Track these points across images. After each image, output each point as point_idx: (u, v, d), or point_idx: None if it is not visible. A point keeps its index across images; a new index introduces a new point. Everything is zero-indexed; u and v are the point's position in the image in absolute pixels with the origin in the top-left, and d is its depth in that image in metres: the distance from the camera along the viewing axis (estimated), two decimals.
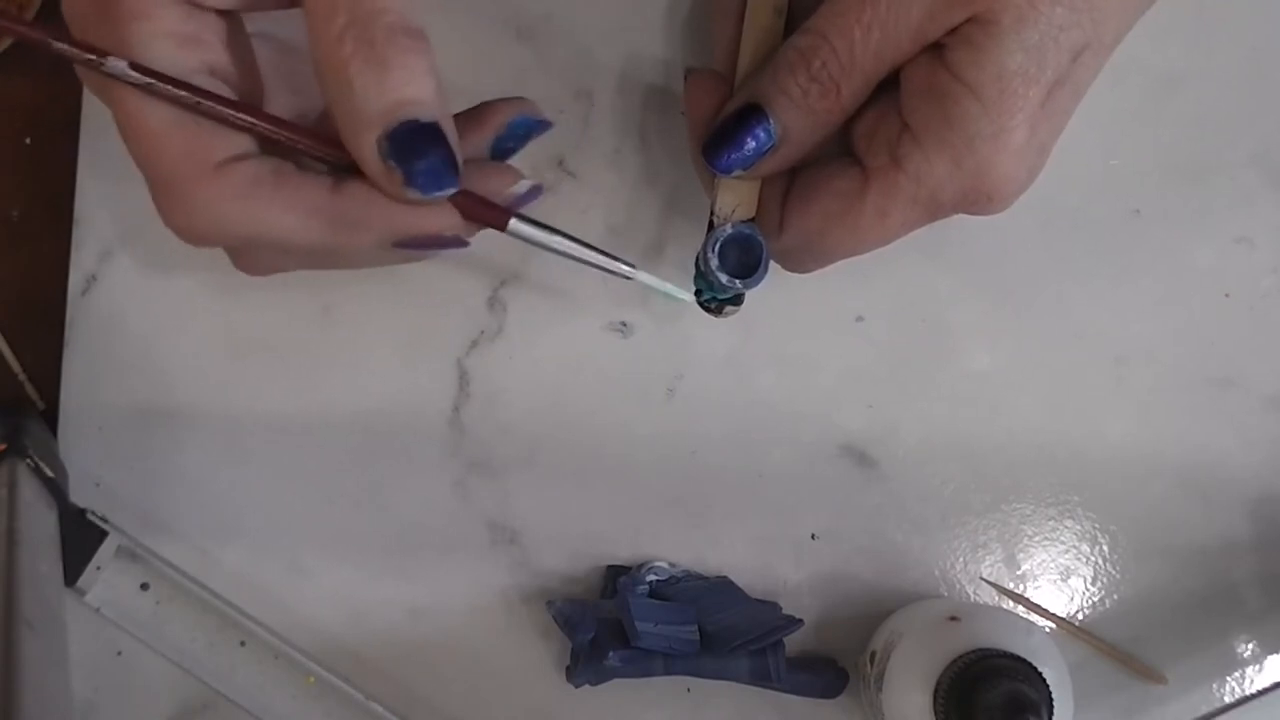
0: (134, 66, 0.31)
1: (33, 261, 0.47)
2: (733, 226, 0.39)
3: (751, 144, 0.37)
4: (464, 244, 0.35)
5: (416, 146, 0.32)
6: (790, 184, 0.39)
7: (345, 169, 0.33)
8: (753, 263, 0.39)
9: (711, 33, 0.41)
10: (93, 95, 0.34)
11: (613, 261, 0.37)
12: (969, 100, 0.34)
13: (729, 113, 0.38)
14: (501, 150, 0.38)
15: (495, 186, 0.36)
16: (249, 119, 0.33)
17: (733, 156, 0.37)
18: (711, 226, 0.39)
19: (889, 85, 0.36)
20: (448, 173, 0.33)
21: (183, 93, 0.32)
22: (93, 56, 0.31)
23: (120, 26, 0.31)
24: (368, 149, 0.32)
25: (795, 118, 0.37)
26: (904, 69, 0.36)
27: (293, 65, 0.37)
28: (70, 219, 0.46)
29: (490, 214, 0.35)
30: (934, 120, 0.35)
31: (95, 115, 0.46)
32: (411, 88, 0.32)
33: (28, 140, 0.47)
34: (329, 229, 0.33)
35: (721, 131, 0.38)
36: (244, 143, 0.33)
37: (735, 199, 0.39)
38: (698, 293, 0.41)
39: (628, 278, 0.37)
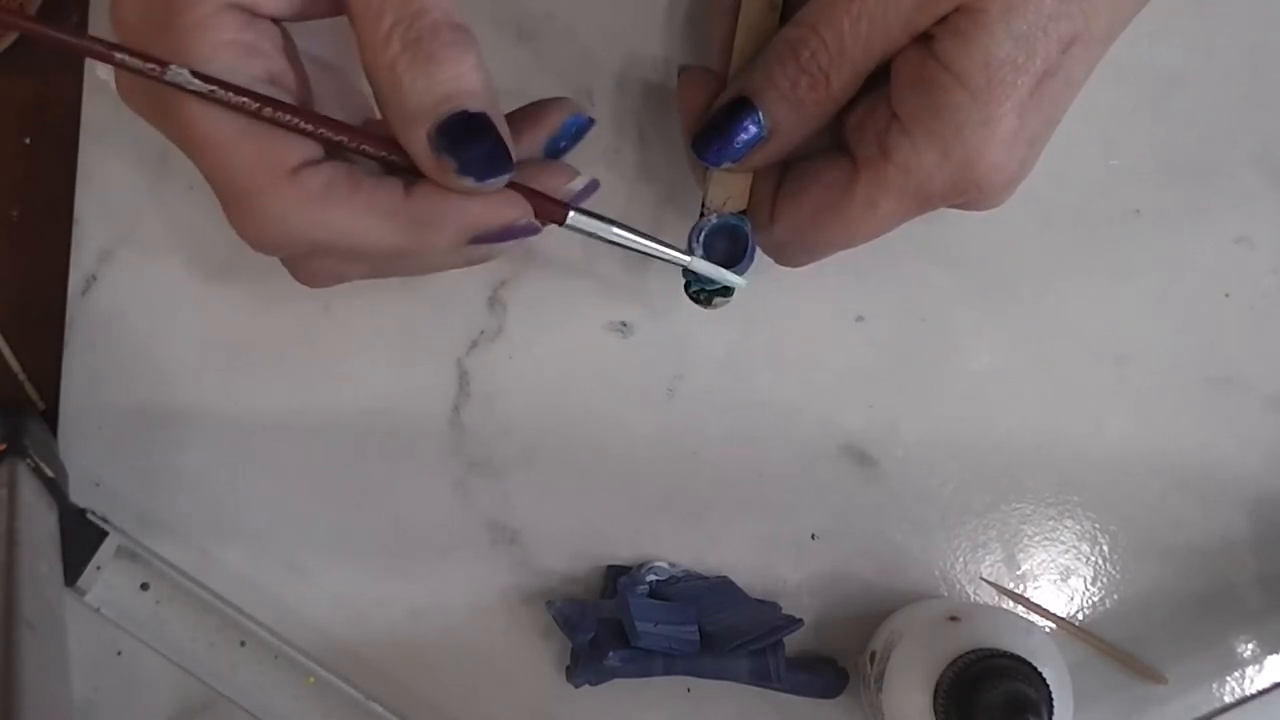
0: (196, 74, 0.31)
1: (33, 261, 0.47)
2: (717, 217, 0.39)
3: (741, 137, 0.37)
4: (536, 231, 0.36)
5: (467, 136, 0.32)
6: (782, 177, 0.39)
7: (410, 171, 0.34)
8: (739, 253, 0.39)
9: (706, 29, 0.41)
10: (139, 115, 0.34)
11: (670, 250, 0.38)
12: (957, 90, 0.34)
13: (719, 106, 0.38)
14: (555, 150, 0.38)
15: (554, 183, 0.36)
16: (316, 125, 0.33)
17: (722, 149, 0.38)
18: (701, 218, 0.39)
19: (880, 78, 0.36)
20: (500, 159, 0.33)
21: (247, 100, 0.31)
22: (154, 66, 0.31)
23: (181, 37, 0.31)
24: (419, 143, 0.32)
25: (784, 110, 0.37)
26: (894, 61, 0.36)
27: (330, 81, 0.37)
28: (70, 219, 0.46)
29: (550, 208, 0.35)
30: (922, 110, 0.35)
31: (95, 115, 0.46)
32: (459, 81, 0.32)
33: (28, 140, 0.47)
34: (405, 231, 0.33)
35: (711, 125, 0.38)
36: (312, 149, 0.33)
37: (726, 192, 0.39)
38: (686, 284, 0.41)
39: (686, 265, 0.38)
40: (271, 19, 0.33)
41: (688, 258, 0.38)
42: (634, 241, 0.37)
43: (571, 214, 0.36)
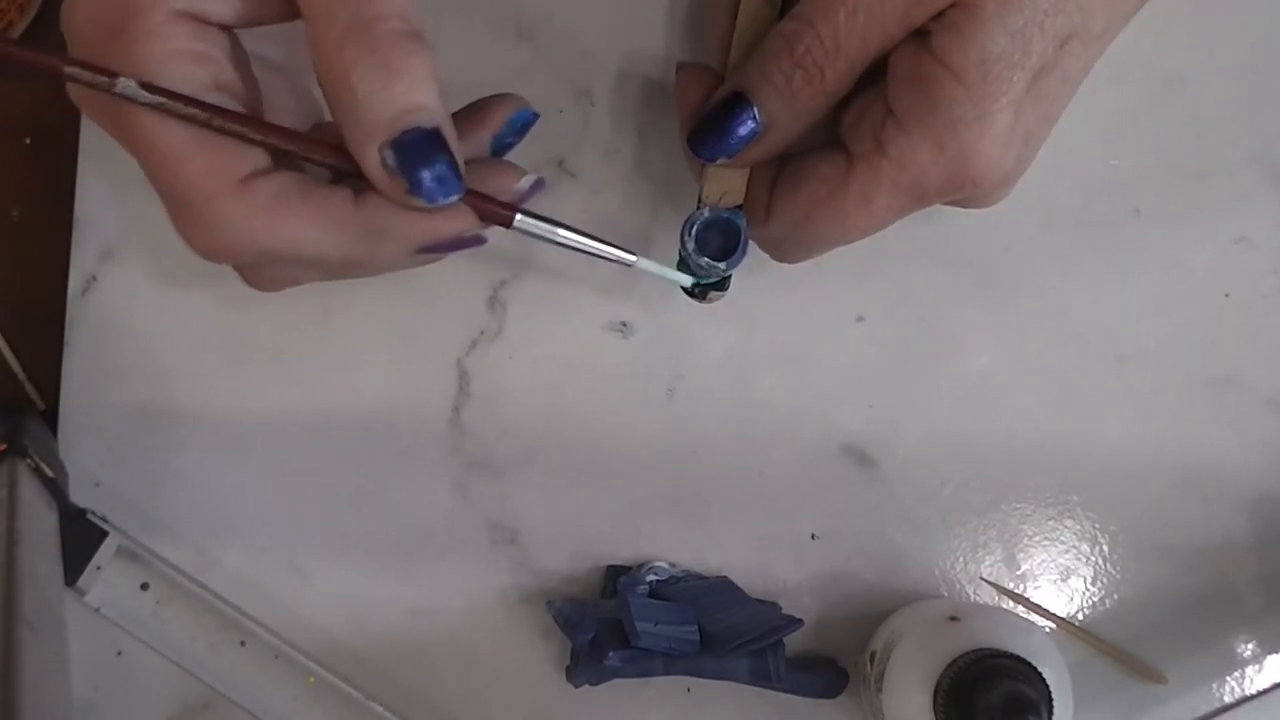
0: (145, 86, 0.31)
1: (33, 261, 0.47)
2: (710, 210, 0.39)
3: (736, 132, 0.37)
4: (483, 241, 0.36)
5: (420, 155, 0.32)
6: (778, 172, 0.39)
7: (357, 179, 0.34)
8: (733, 247, 0.39)
9: (705, 25, 0.41)
10: (94, 121, 0.34)
11: (615, 251, 0.37)
12: (952, 85, 0.34)
13: (714, 102, 0.38)
14: (500, 146, 0.38)
15: (500, 184, 0.36)
16: (265, 134, 0.33)
17: (718, 145, 0.38)
18: None
19: (877, 74, 0.36)
20: (451, 179, 0.33)
21: (196, 110, 0.31)
22: (103, 78, 0.31)
23: (131, 45, 0.31)
24: (372, 159, 0.32)
25: (779, 104, 0.37)
26: (890, 55, 0.36)
27: (281, 84, 0.37)
28: (70, 219, 0.46)
29: (497, 212, 0.35)
30: (918, 105, 0.35)
31: None
32: (415, 94, 0.32)
33: (28, 140, 0.47)
34: (354, 241, 0.33)
35: (707, 120, 0.38)
36: (261, 157, 0.33)
37: (722, 187, 0.39)
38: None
39: (630, 265, 0.38)
40: (221, 26, 0.33)
41: (632, 258, 0.38)
42: (580, 243, 0.37)
43: (518, 217, 0.35)
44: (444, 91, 0.33)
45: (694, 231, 0.39)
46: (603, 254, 0.37)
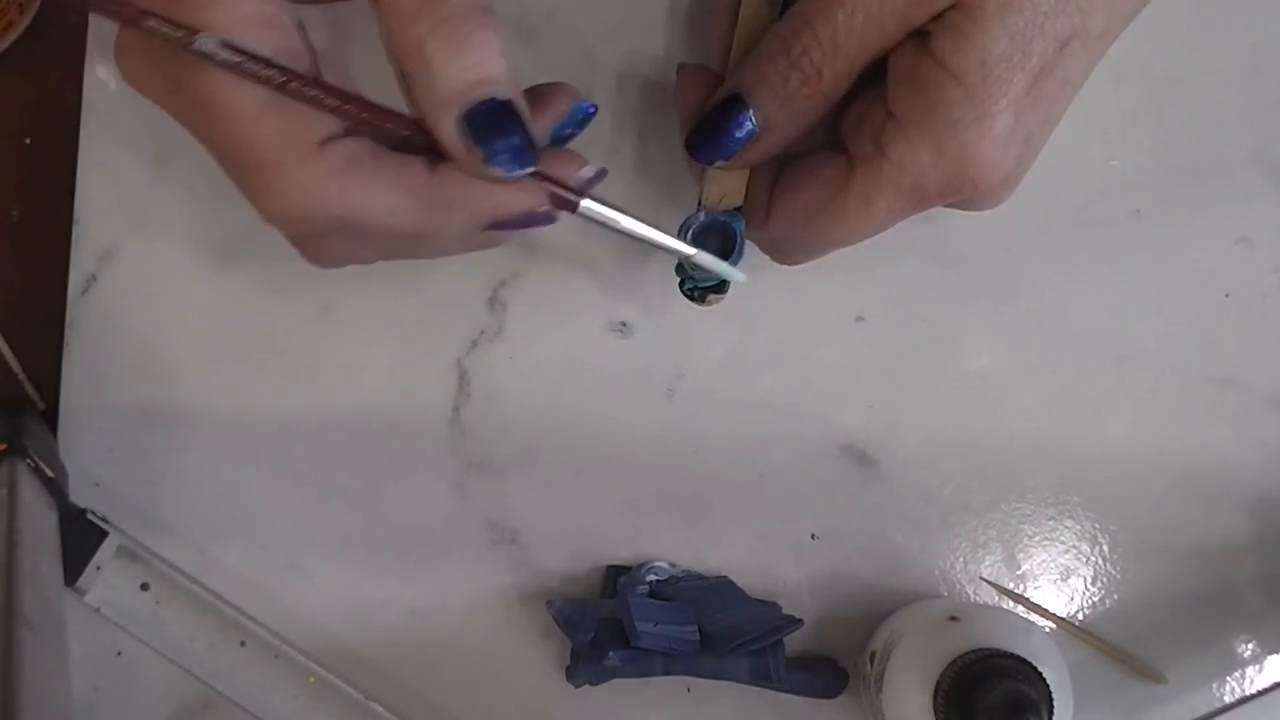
0: (226, 44, 0.30)
1: (33, 261, 0.47)
2: (706, 213, 0.39)
3: (734, 134, 0.37)
4: (552, 220, 0.36)
5: (495, 126, 0.32)
6: (778, 174, 0.39)
7: (429, 152, 0.33)
8: (729, 249, 0.39)
9: (706, 25, 0.41)
10: (139, 90, 0.33)
11: (677, 242, 0.38)
12: (952, 86, 0.34)
13: (712, 104, 0.38)
14: (560, 137, 0.38)
15: (564, 172, 0.36)
16: (342, 100, 0.32)
17: (715, 147, 0.37)
18: None
19: (876, 75, 0.36)
20: (526, 151, 0.33)
21: (273, 73, 0.31)
22: (183, 33, 0.30)
23: (199, 10, 0.31)
24: (447, 129, 0.32)
25: (776, 106, 0.36)
26: (890, 57, 0.36)
27: (326, 68, 0.37)
28: (70, 219, 0.46)
29: (563, 195, 0.35)
30: (917, 107, 0.35)
31: (95, 115, 0.46)
32: (487, 66, 0.32)
33: (28, 140, 0.47)
34: (427, 210, 0.33)
35: (705, 123, 0.38)
36: (333, 125, 0.33)
37: (722, 189, 0.39)
38: (681, 282, 0.41)
39: (690, 257, 0.38)
40: None
41: (692, 250, 0.38)
42: (642, 232, 0.37)
43: (584, 202, 0.36)
44: (513, 67, 0.33)
45: (690, 235, 0.39)
46: (663, 244, 0.37)
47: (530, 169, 0.34)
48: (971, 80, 0.34)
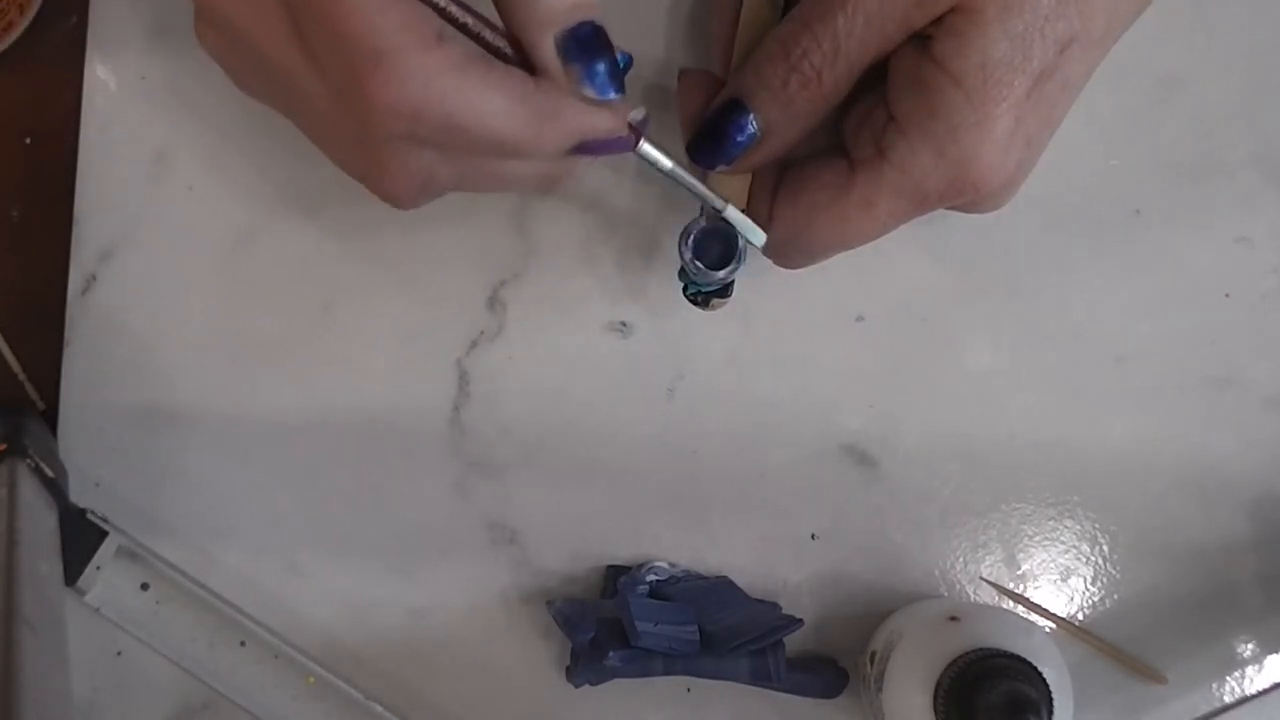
0: None
1: (33, 261, 0.47)
2: (706, 220, 0.39)
3: (735, 139, 0.37)
4: (629, 147, 0.36)
5: (591, 49, 0.34)
6: (780, 178, 0.39)
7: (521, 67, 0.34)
8: (730, 255, 0.39)
9: (708, 27, 0.41)
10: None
11: (711, 194, 0.38)
12: (952, 90, 0.34)
13: (713, 109, 0.38)
14: None
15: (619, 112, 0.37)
16: (451, 3, 0.33)
17: (716, 152, 0.38)
18: None
19: (878, 78, 0.36)
20: (616, 75, 0.34)
21: None
22: None
23: None
24: (546, 47, 0.33)
25: (776, 110, 0.37)
26: (891, 60, 0.36)
27: None
28: (70, 219, 0.46)
29: (626, 132, 0.36)
30: (918, 111, 0.35)
31: (95, 115, 0.46)
32: None
33: (28, 140, 0.47)
34: (529, 119, 0.33)
35: (706, 128, 0.38)
36: (443, 26, 0.33)
37: (724, 194, 0.39)
38: (684, 287, 0.41)
39: (720, 210, 0.38)
40: None
41: (722, 204, 0.38)
42: (684, 179, 0.37)
43: (642, 143, 0.36)
44: None
45: (691, 240, 0.39)
46: (700, 194, 0.38)
47: (617, 95, 0.35)
48: (972, 84, 0.34)
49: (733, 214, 0.38)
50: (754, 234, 0.39)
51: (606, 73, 0.34)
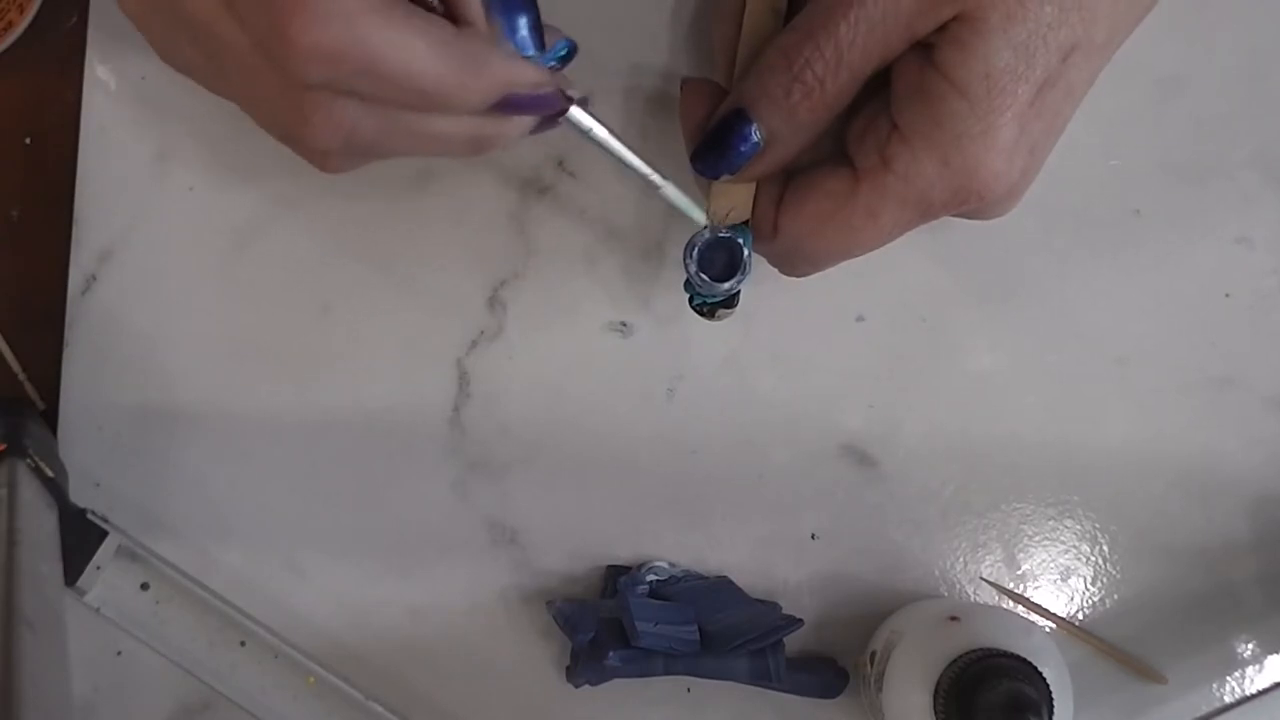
0: None
1: (33, 261, 0.47)
2: (710, 231, 0.39)
3: (738, 148, 0.37)
4: (555, 109, 0.36)
5: (518, 3, 0.34)
6: (785, 187, 0.39)
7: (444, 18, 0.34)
8: (737, 265, 0.39)
9: (710, 34, 0.41)
10: None
11: (647, 170, 0.38)
12: (956, 99, 0.34)
13: (716, 119, 0.38)
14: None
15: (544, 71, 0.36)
16: None
17: (719, 162, 0.37)
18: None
19: (881, 86, 0.36)
20: (538, 33, 0.34)
21: None
22: None
23: None
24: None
25: (779, 120, 0.36)
26: (894, 68, 0.36)
27: None
28: (70, 219, 0.46)
29: (564, 93, 0.36)
30: (922, 120, 0.35)
31: (95, 115, 0.46)
32: None
33: (28, 140, 0.47)
34: (454, 64, 0.33)
35: (709, 137, 0.38)
36: None
37: (729, 203, 0.39)
38: (690, 298, 0.41)
39: (657, 187, 0.38)
40: None
41: (661, 180, 0.38)
42: (618, 150, 0.37)
43: (573, 109, 0.36)
44: None
45: (696, 253, 0.39)
46: (636, 168, 0.38)
47: (540, 51, 0.35)
48: (975, 93, 0.34)
49: (671, 192, 0.38)
50: (694, 212, 0.39)
51: (529, 26, 0.34)
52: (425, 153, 0.36)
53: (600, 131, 0.37)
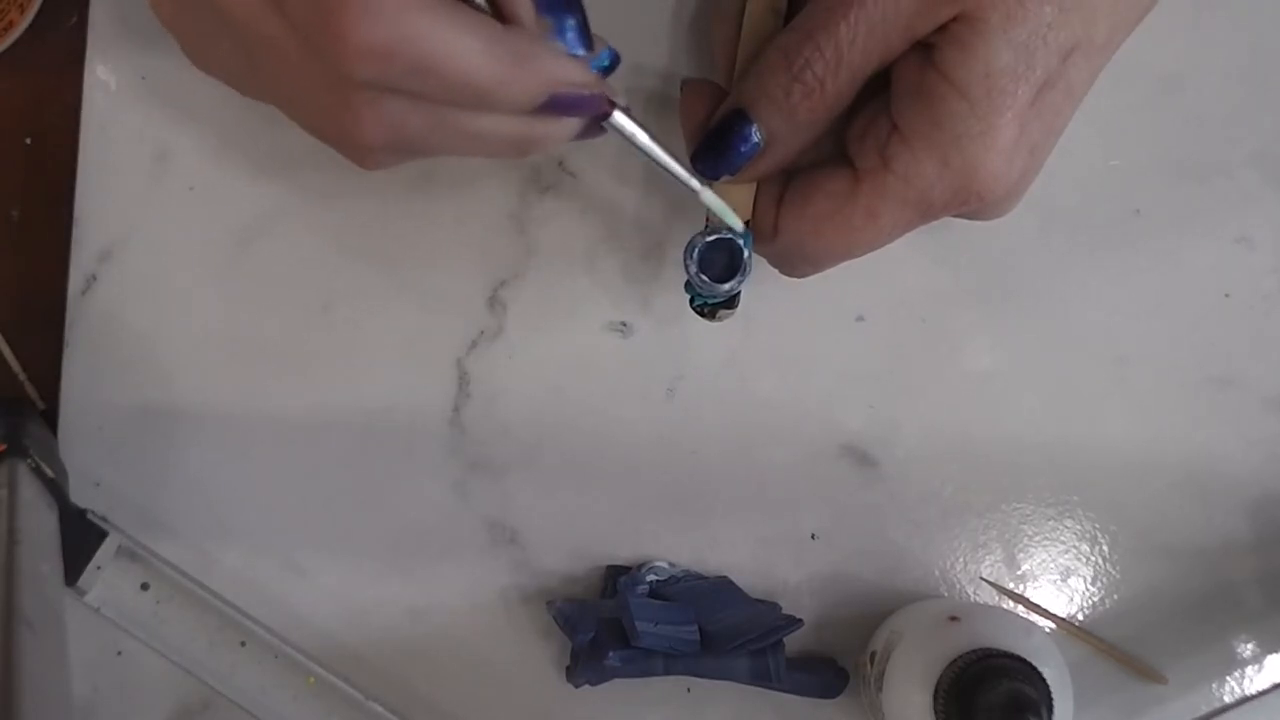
0: None
1: (33, 261, 0.47)
2: (710, 232, 0.39)
3: (738, 149, 0.37)
4: (600, 110, 0.35)
5: (567, 3, 0.34)
6: (785, 187, 0.39)
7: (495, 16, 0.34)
8: (736, 266, 0.39)
9: (711, 36, 0.41)
10: None
11: (689, 175, 0.38)
12: (956, 100, 0.34)
13: (716, 119, 0.38)
14: None
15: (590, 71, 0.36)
16: None
17: (719, 162, 0.37)
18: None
19: (882, 86, 0.36)
20: (586, 33, 0.34)
21: None
22: None
23: None
24: None
25: (779, 120, 0.36)
26: (894, 69, 0.36)
27: None
28: (70, 219, 0.46)
29: (610, 96, 0.35)
30: (922, 121, 0.35)
31: (95, 115, 0.46)
32: None
33: (28, 140, 0.47)
34: (501, 61, 0.33)
35: (709, 138, 0.38)
36: None
37: (729, 203, 0.39)
38: (690, 299, 0.41)
39: (695, 192, 0.38)
40: None
41: (698, 186, 0.38)
42: (658, 156, 0.37)
43: (616, 113, 0.36)
44: None
45: (696, 253, 0.39)
46: (676, 174, 0.38)
47: (588, 51, 0.35)
48: (976, 93, 0.34)
49: (709, 197, 0.38)
50: (732, 219, 0.39)
51: (578, 28, 0.34)
52: (470, 153, 0.36)
53: (643, 138, 0.36)
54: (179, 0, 0.34)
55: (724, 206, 0.39)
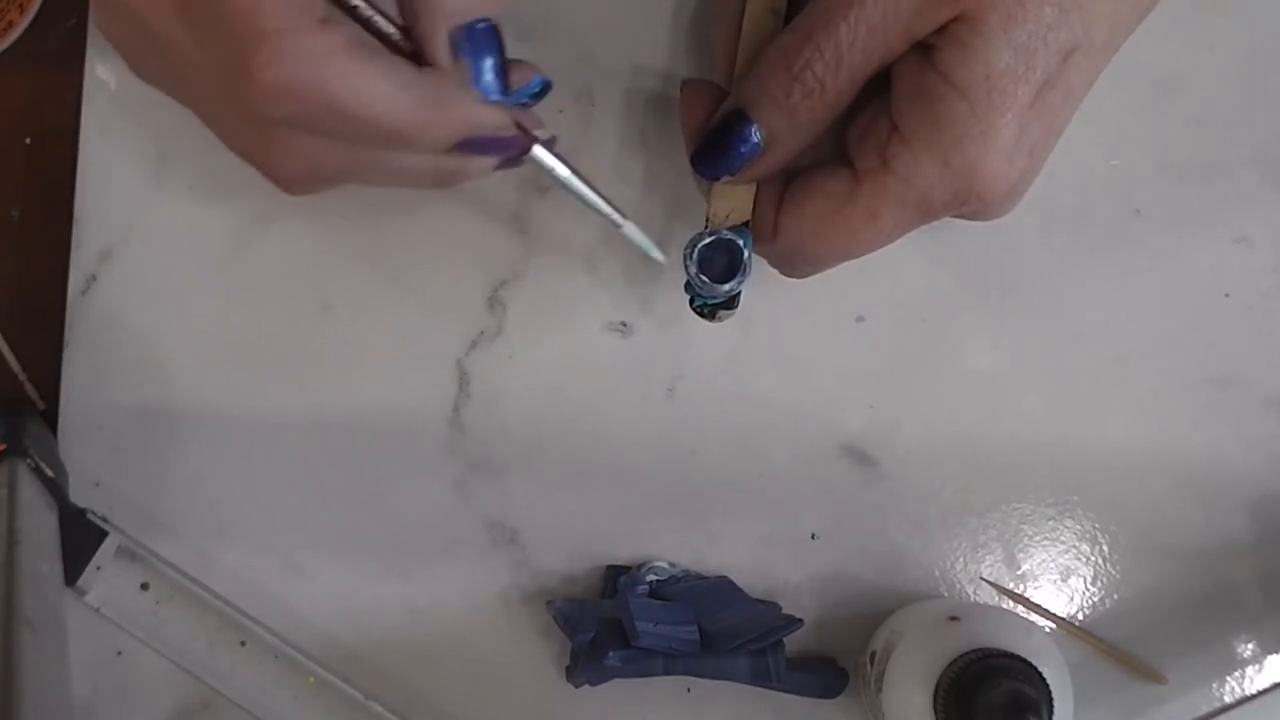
0: None
1: (33, 261, 0.47)
2: (710, 232, 0.39)
3: (738, 150, 0.37)
4: (516, 150, 0.36)
5: (485, 46, 0.34)
6: (785, 188, 0.39)
7: (409, 57, 0.34)
8: (737, 266, 0.39)
9: (711, 36, 0.41)
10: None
11: (609, 209, 0.39)
12: (956, 100, 0.34)
13: (716, 120, 0.38)
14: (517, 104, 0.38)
15: (525, 121, 0.37)
16: None
17: (720, 163, 0.37)
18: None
19: (882, 87, 0.36)
20: (503, 77, 0.35)
21: None
22: None
23: None
24: (442, 38, 0.33)
25: (779, 120, 0.36)
26: (894, 69, 0.36)
27: None
28: (70, 219, 0.46)
29: (527, 132, 0.36)
30: (922, 121, 0.35)
31: (95, 115, 0.46)
32: None
33: (28, 140, 0.47)
34: (414, 106, 0.33)
35: (709, 139, 0.38)
36: (329, 9, 0.33)
37: (729, 204, 0.39)
38: (691, 299, 0.41)
39: (618, 226, 0.39)
40: None
41: (620, 219, 0.39)
42: (579, 189, 0.38)
43: (536, 147, 0.36)
44: None
45: (696, 254, 0.39)
46: (596, 208, 0.38)
47: (503, 96, 0.35)
48: (976, 94, 0.34)
49: (631, 230, 0.39)
50: (654, 252, 0.40)
51: (494, 70, 0.35)
52: (390, 185, 0.37)
53: (562, 171, 0.37)
54: (115, 15, 0.34)
55: (646, 240, 0.40)
